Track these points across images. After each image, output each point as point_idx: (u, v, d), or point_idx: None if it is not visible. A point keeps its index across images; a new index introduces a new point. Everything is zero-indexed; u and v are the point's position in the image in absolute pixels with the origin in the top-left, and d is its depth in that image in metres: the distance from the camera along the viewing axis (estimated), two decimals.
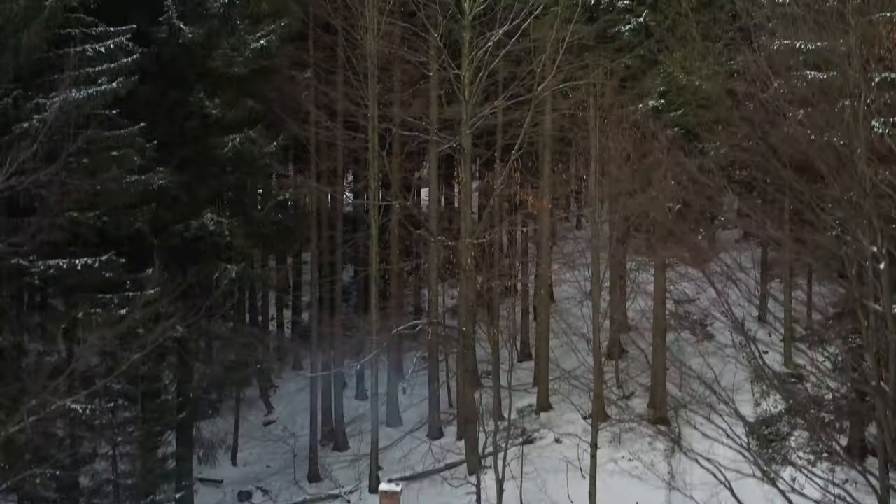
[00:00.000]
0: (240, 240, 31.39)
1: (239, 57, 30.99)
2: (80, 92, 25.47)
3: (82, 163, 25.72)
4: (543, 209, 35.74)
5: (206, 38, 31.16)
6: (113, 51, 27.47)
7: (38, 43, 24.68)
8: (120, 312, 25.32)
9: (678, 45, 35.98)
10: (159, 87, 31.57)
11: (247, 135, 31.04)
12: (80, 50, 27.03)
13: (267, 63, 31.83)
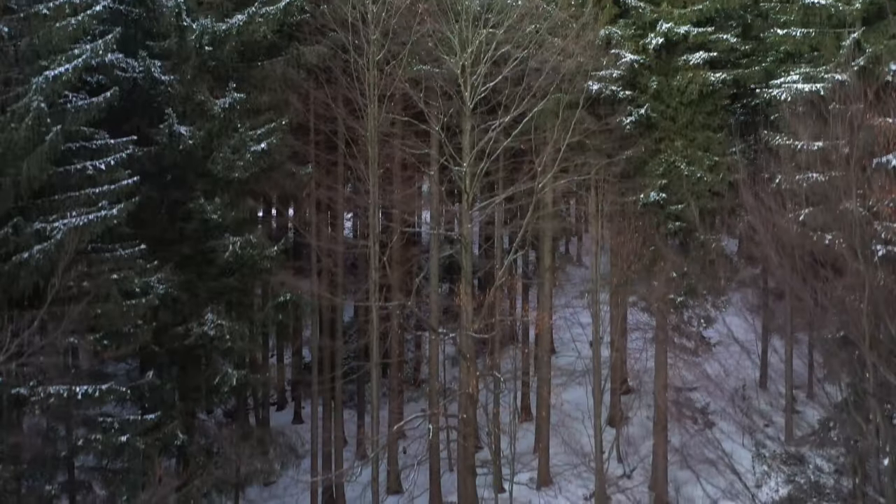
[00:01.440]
0: (240, 342, 31.23)
1: (239, 161, 30.82)
2: (80, 218, 25.27)
3: (82, 286, 25.55)
4: (543, 322, 35.66)
5: (206, 140, 31.12)
6: (114, 167, 27.31)
7: (38, 174, 24.48)
8: (121, 439, 25.06)
9: (679, 134, 36.02)
10: (159, 186, 31.57)
11: (247, 239, 30.87)
12: (80, 168, 26.93)
13: (267, 164, 31.64)
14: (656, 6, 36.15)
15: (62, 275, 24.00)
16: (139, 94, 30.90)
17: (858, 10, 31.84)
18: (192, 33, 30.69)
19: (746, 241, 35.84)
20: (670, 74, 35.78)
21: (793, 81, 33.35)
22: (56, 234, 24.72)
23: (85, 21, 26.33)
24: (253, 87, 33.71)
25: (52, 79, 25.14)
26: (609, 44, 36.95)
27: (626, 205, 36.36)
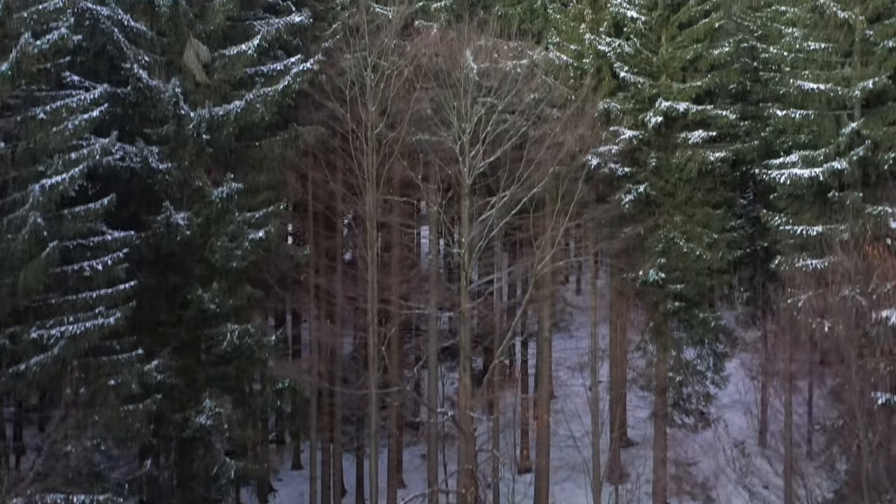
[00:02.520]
0: (238, 430, 31.11)
1: (237, 249, 30.70)
2: (77, 326, 25.17)
3: (79, 394, 25.45)
4: (542, 423, 35.58)
5: (203, 227, 31.02)
6: (111, 266, 27.21)
7: (35, 285, 24.38)
8: None
9: (678, 210, 35.95)
10: (157, 272, 31.43)
11: (245, 328, 30.74)
12: (77, 268, 26.82)
13: (265, 253, 31.56)
14: (655, 80, 36.07)
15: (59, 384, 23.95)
16: (136, 181, 30.77)
17: (858, 98, 31.76)
18: (189, 122, 30.58)
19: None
20: (669, 150, 35.74)
21: (792, 164, 33.29)
22: (53, 344, 24.59)
23: (82, 126, 26.21)
24: (251, 166, 33.65)
25: (49, 188, 25.04)
26: (608, 117, 36.88)
27: (624, 281, 36.27)
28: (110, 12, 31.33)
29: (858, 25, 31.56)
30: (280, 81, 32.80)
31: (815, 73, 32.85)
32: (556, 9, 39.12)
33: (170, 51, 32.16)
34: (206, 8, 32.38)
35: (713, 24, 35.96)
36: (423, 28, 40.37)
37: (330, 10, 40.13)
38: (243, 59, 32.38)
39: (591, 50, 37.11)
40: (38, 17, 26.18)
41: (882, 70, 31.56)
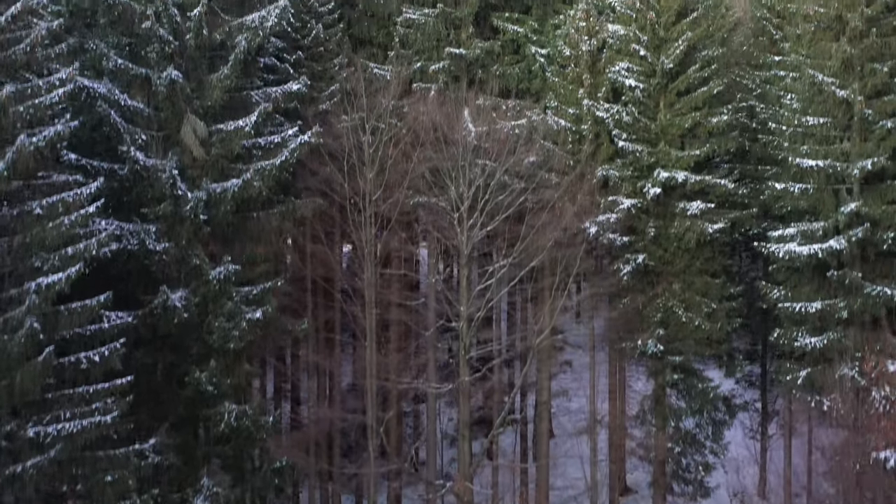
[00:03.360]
0: None
1: (234, 330, 30.64)
2: (74, 423, 25.09)
3: (76, 490, 25.36)
4: (542, 493, 35.52)
5: (201, 306, 30.96)
6: (107, 357, 27.12)
7: (32, 387, 24.30)
8: None
9: (677, 277, 35.87)
10: (154, 350, 31.34)
11: (243, 409, 30.68)
12: (74, 360, 26.72)
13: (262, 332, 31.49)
14: (653, 147, 35.97)
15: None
16: (133, 262, 30.69)
17: (857, 177, 31.69)
18: (187, 202, 30.51)
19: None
20: (668, 218, 35.65)
21: (790, 237, 33.21)
22: (51, 444, 24.53)
23: (79, 220, 26.12)
24: (248, 238, 33.59)
25: (46, 287, 24.94)
26: (606, 183, 36.82)
27: (623, 350, 36.20)
28: (107, 90, 31.30)
29: (857, 105, 31.49)
30: (278, 155, 32.77)
31: (813, 147, 32.78)
32: (554, 71, 39.02)
33: (167, 125, 32.09)
34: (204, 83, 32.32)
35: (711, 92, 35.87)
36: (422, 90, 40.40)
37: (328, 70, 40.12)
38: (241, 135, 32.29)
39: (590, 116, 37.03)
40: (35, 111, 26.03)
41: (881, 149, 31.50)
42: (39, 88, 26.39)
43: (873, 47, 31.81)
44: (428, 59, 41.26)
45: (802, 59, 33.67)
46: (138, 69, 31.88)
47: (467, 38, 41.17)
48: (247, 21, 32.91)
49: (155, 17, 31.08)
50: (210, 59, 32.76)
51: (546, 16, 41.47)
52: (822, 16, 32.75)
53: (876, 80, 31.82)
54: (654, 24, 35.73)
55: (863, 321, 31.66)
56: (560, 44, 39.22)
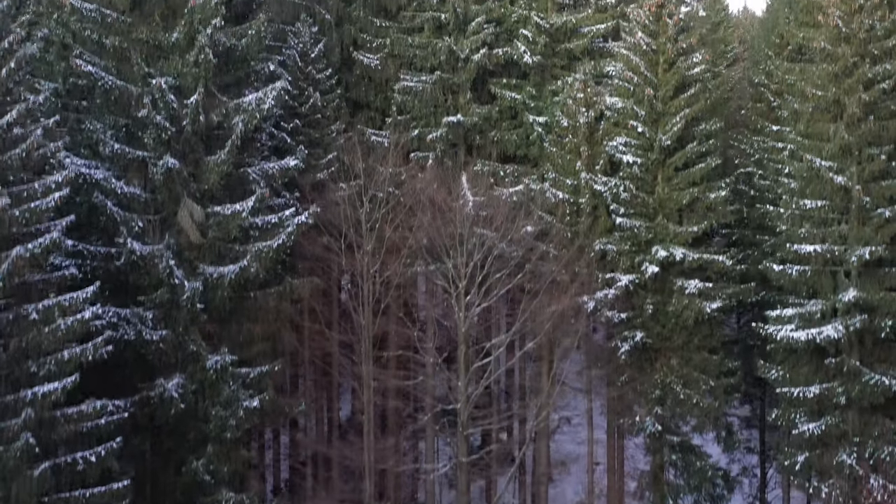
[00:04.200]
0: None
1: (232, 419, 30.58)
2: None
3: None
4: None
5: (198, 393, 30.91)
6: (104, 457, 27.04)
7: (29, 499, 24.27)
8: None
9: (675, 353, 35.83)
10: (152, 436, 31.28)
11: (240, 498, 30.61)
12: (70, 461, 26.64)
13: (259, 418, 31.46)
14: (651, 221, 35.88)
15: None
16: (130, 350, 30.63)
17: (855, 265, 31.63)
18: (183, 292, 30.43)
19: None
20: (666, 294, 35.57)
21: (787, 318, 33.14)
22: None
23: (75, 326, 26.06)
24: (245, 318, 33.52)
25: (42, 397, 24.89)
26: (604, 257, 36.76)
27: (622, 426, 36.14)
28: (103, 175, 31.27)
29: (856, 194, 31.44)
30: (275, 236, 32.70)
31: (811, 231, 32.72)
32: (552, 141, 38.97)
33: (164, 208, 32.02)
34: (201, 166, 32.24)
35: (709, 168, 35.82)
36: (419, 159, 40.39)
37: (325, 137, 40.10)
38: (238, 219, 32.19)
39: (588, 189, 36.99)
40: (30, 215, 25.97)
41: (879, 236, 31.44)
42: (35, 191, 26.32)
43: (871, 132, 31.75)
44: (425, 125, 41.28)
45: (800, 141, 33.61)
46: (135, 152, 31.79)
47: (465, 104, 41.16)
48: (244, 103, 32.82)
49: (152, 104, 31.00)
50: (207, 141, 32.69)
51: (544, 82, 41.50)
52: (819, 98, 32.70)
53: (874, 167, 31.75)
54: (652, 98, 35.65)
55: (861, 406, 31.57)
56: (558, 113, 39.19)
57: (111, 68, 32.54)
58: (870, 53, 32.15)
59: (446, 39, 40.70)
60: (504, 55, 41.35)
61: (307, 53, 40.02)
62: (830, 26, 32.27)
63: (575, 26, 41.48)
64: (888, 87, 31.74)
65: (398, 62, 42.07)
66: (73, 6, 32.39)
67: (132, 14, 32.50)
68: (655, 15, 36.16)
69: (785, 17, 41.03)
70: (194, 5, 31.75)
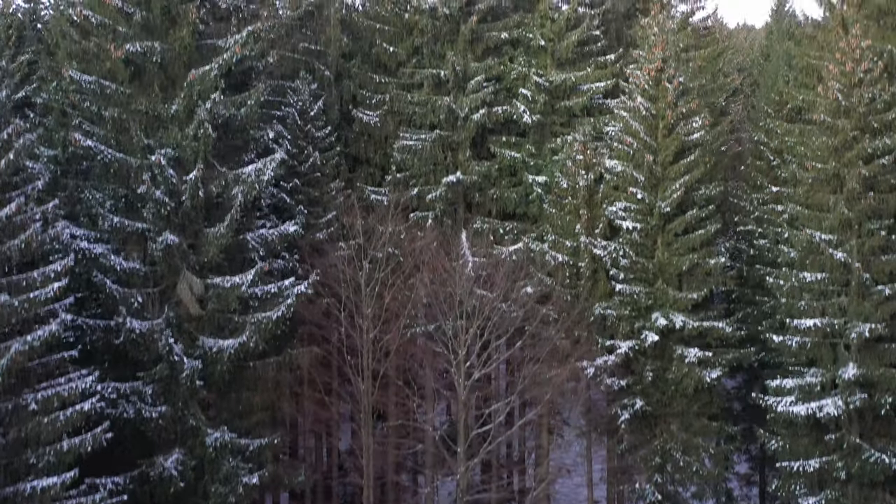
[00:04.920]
0: None
1: (231, 495, 30.57)
2: None
3: None
4: None
5: (198, 470, 30.91)
6: None
7: None
8: None
9: (676, 417, 35.77)
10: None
11: None
12: None
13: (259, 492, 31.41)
14: (651, 285, 35.83)
15: None
16: (129, 426, 30.59)
17: (855, 342, 31.60)
18: (183, 369, 30.39)
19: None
20: (666, 360, 35.52)
21: (788, 390, 33.11)
22: None
23: (74, 417, 26.04)
24: (245, 388, 33.50)
25: (42, 491, 24.90)
26: (605, 321, 36.72)
27: (622, 493, 36.10)
28: (102, 251, 31.26)
29: (856, 271, 31.41)
30: (274, 306, 32.66)
31: (810, 303, 32.68)
32: (551, 202, 38.94)
33: (163, 280, 32.01)
34: (200, 238, 32.24)
35: (708, 235, 35.78)
36: (419, 219, 40.35)
37: (324, 195, 40.06)
38: (237, 291, 32.17)
39: (587, 253, 36.95)
40: (30, 305, 25.95)
41: (879, 312, 31.40)
42: (34, 281, 26.31)
43: (870, 207, 31.74)
44: (425, 183, 41.28)
45: (799, 210, 33.58)
46: (134, 225, 31.79)
47: (465, 161, 41.15)
48: (243, 174, 32.77)
49: (151, 180, 30.98)
50: (206, 211, 32.66)
51: (543, 140, 41.53)
52: (819, 170, 32.68)
53: (874, 242, 31.73)
54: (652, 164, 35.62)
55: (861, 482, 31.53)
56: (557, 174, 39.18)
57: (110, 139, 32.53)
58: (870, 127, 32.13)
59: (446, 99, 40.69)
60: (504, 113, 41.37)
61: (306, 111, 40.00)
62: (830, 99, 32.24)
63: (574, 84, 41.50)
64: (888, 163, 31.70)
65: (397, 119, 42.08)
66: (72, 77, 32.40)
67: (131, 85, 32.45)
68: (655, 79, 36.11)
69: (784, 74, 40.99)
70: (193, 79, 31.77)
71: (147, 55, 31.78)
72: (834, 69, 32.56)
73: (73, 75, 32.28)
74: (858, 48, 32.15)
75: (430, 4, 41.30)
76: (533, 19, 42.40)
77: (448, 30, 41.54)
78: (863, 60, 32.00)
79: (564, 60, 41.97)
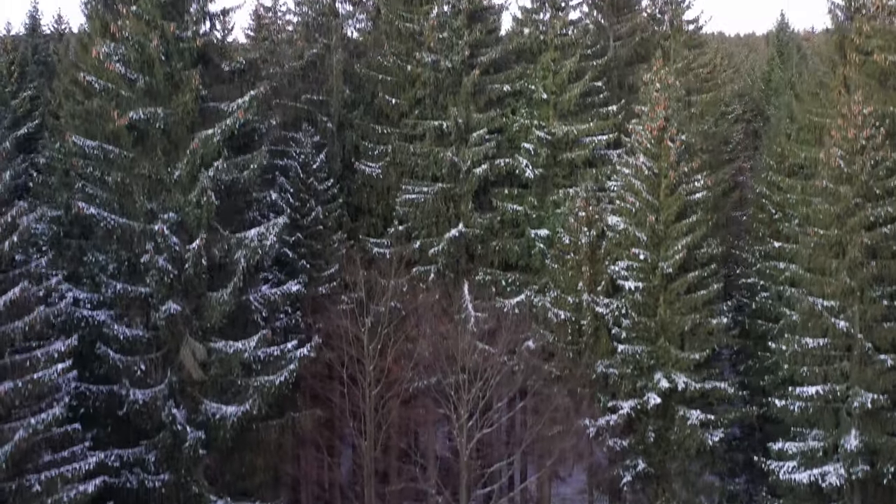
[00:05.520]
0: None
1: None
2: None
3: None
4: None
5: None
6: None
7: None
8: None
9: (679, 478, 35.80)
10: None
11: None
12: None
13: None
14: (653, 344, 35.85)
15: None
16: (132, 496, 30.64)
17: (858, 411, 31.63)
18: (185, 439, 30.43)
19: None
20: (668, 419, 35.54)
21: (790, 455, 33.14)
22: None
23: (78, 498, 26.06)
24: (247, 450, 33.51)
25: None
26: (606, 380, 36.73)
27: None
28: (105, 318, 31.33)
29: (858, 341, 31.44)
30: (277, 370, 32.70)
31: (812, 369, 32.70)
32: (553, 257, 38.95)
33: (166, 345, 32.05)
34: (203, 302, 32.27)
35: (710, 296, 35.80)
36: (421, 273, 40.37)
37: (327, 248, 40.06)
38: (240, 356, 32.21)
39: (589, 311, 36.97)
40: (33, 386, 25.98)
41: (881, 382, 31.42)
42: (38, 360, 26.33)
43: (873, 275, 31.77)
44: (427, 235, 41.26)
45: (802, 274, 33.62)
46: (137, 289, 31.85)
47: (467, 213, 41.17)
48: (246, 238, 32.84)
49: (154, 249, 31.02)
50: (210, 273, 32.68)
51: (545, 192, 41.54)
52: (821, 236, 32.70)
53: (876, 311, 31.76)
54: (654, 224, 35.65)
55: None
56: (559, 229, 39.21)
57: (113, 203, 32.60)
58: (872, 193, 32.17)
59: (449, 154, 40.67)
60: (506, 166, 41.39)
61: (309, 164, 40.00)
62: (832, 166, 32.27)
63: (577, 137, 41.52)
64: (890, 232, 31.71)
65: (400, 170, 42.09)
66: (75, 143, 32.46)
67: (134, 149, 32.50)
68: (657, 138, 36.14)
69: (786, 128, 41.01)
70: (196, 147, 31.83)
71: (150, 121, 31.85)
72: (836, 134, 32.61)
73: (77, 141, 32.37)
74: (861, 114, 32.17)
75: (433, 58, 41.30)
76: (535, 70, 42.39)
77: (450, 82, 41.54)
78: (865, 127, 32.02)
79: (566, 112, 41.96)
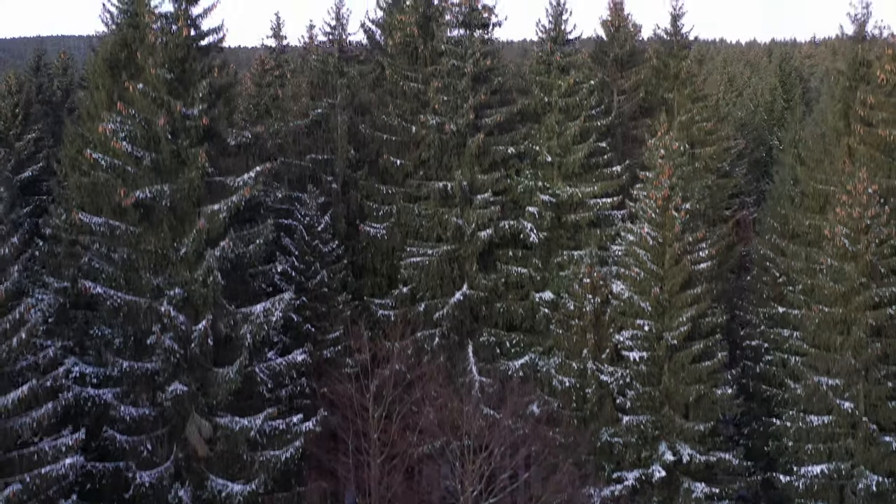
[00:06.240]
0: None
1: None
2: None
3: None
4: None
5: None
6: None
7: None
8: None
9: None
10: None
11: None
12: None
13: None
14: (657, 412, 35.88)
15: None
16: None
17: (863, 492, 31.68)
18: None
19: None
20: (672, 490, 35.58)
21: None
22: None
23: None
24: None
25: None
26: (611, 448, 36.77)
27: None
28: (111, 398, 31.40)
29: (864, 424, 31.50)
30: (283, 444, 32.79)
31: (817, 446, 32.75)
32: (558, 322, 38.99)
33: (171, 421, 32.13)
34: (209, 378, 32.33)
35: (715, 367, 35.84)
36: (426, 337, 40.42)
37: (331, 309, 40.12)
38: (246, 434, 32.29)
39: (594, 379, 37.03)
40: (41, 482, 26.08)
41: (886, 464, 31.47)
42: (46, 454, 26.44)
43: (877, 355, 31.83)
44: (432, 297, 41.30)
45: (806, 349, 33.68)
46: (143, 366, 31.92)
47: (472, 274, 41.22)
48: (252, 314, 32.91)
49: (161, 329, 31.10)
50: (215, 348, 32.76)
51: (550, 254, 41.60)
52: (826, 314, 32.77)
53: (881, 391, 31.83)
54: (658, 295, 35.70)
55: None
56: (564, 295, 39.27)
57: (119, 278, 32.68)
58: (877, 272, 32.23)
59: (454, 218, 40.73)
60: (511, 229, 41.45)
61: (313, 226, 40.05)
62: (837, 245, 32.33)
63: (581, 199, 41.59)
64: (894, 311, 31.78)
65: (404, 230, 42.16)
66: (81, 220, 32.53)
67: (140, 225, 32.58)
68: (662, 208, 36.22)
69: (789, 191, 41.04)
70: (202, 227, 31.91)
71: (157, 198, 31.95)
72: (841, 212, 32.67)
73: (83, 217, 32.44)
74: (865, 193, 32.25)
75: (437, 120, 41.39)
76: (539, 131, 42.47)
77: (455, 143, 41.63)
78: (870, 206, 32.09)
79: (571, 174, 42.02)
